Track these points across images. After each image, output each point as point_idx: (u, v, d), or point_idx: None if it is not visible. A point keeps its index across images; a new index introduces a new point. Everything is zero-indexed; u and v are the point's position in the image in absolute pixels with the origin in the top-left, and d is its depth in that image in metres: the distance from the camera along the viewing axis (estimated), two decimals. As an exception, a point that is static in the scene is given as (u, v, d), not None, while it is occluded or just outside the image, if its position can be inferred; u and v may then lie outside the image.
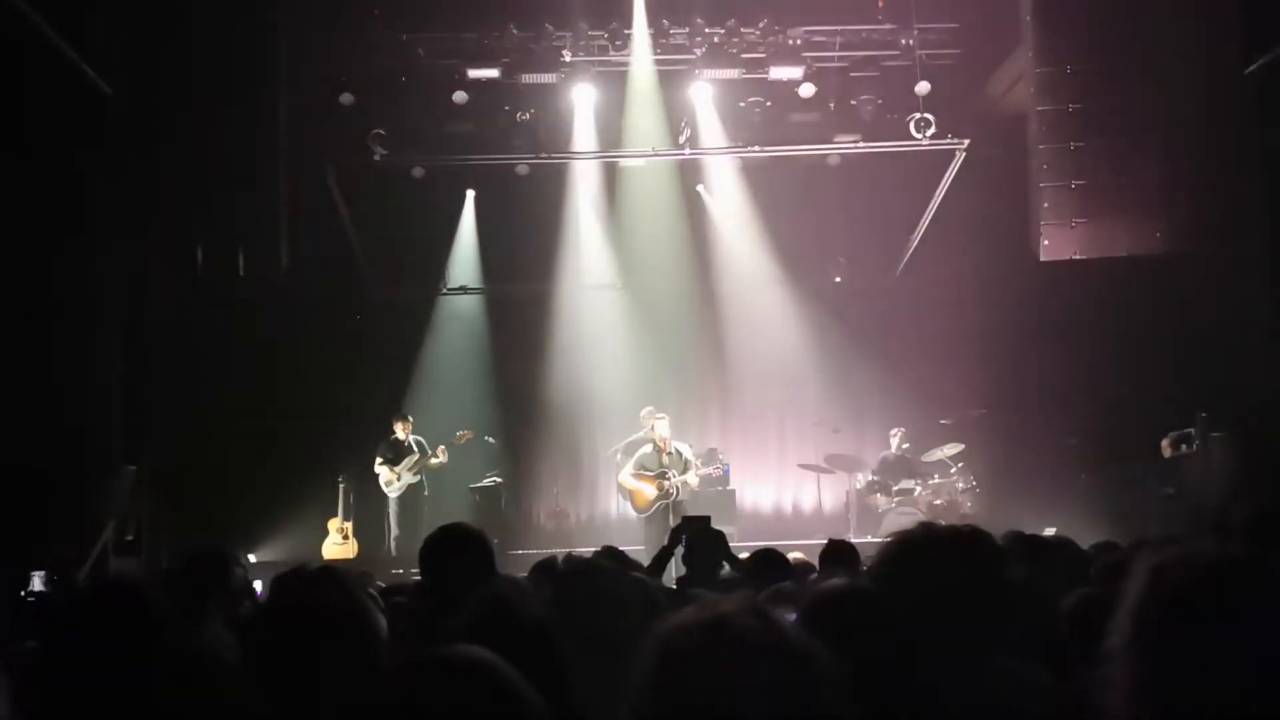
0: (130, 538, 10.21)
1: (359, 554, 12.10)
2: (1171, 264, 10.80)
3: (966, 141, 12.23)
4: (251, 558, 11.31)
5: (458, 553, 3.63)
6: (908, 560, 1.95)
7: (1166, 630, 1.51)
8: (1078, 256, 10.80)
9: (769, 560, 5.16)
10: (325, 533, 12.44)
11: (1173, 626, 1.51)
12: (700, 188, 14.28)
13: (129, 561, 9.87)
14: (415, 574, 4.95)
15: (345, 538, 12.32)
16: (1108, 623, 1.64)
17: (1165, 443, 10.82)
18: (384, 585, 5.81)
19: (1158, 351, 10.96)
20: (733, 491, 12.73)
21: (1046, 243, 10.68)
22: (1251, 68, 9.78)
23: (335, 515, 12.49)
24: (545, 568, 5.61)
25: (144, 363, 11.23)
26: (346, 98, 12.38)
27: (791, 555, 6.27)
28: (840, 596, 2.18)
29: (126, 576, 3.06)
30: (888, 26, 12.54)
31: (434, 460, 12.37)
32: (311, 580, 2.45)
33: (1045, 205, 10.62)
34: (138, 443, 10.66)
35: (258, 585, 7.10)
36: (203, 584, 3.96)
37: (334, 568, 3.97)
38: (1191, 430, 10.47)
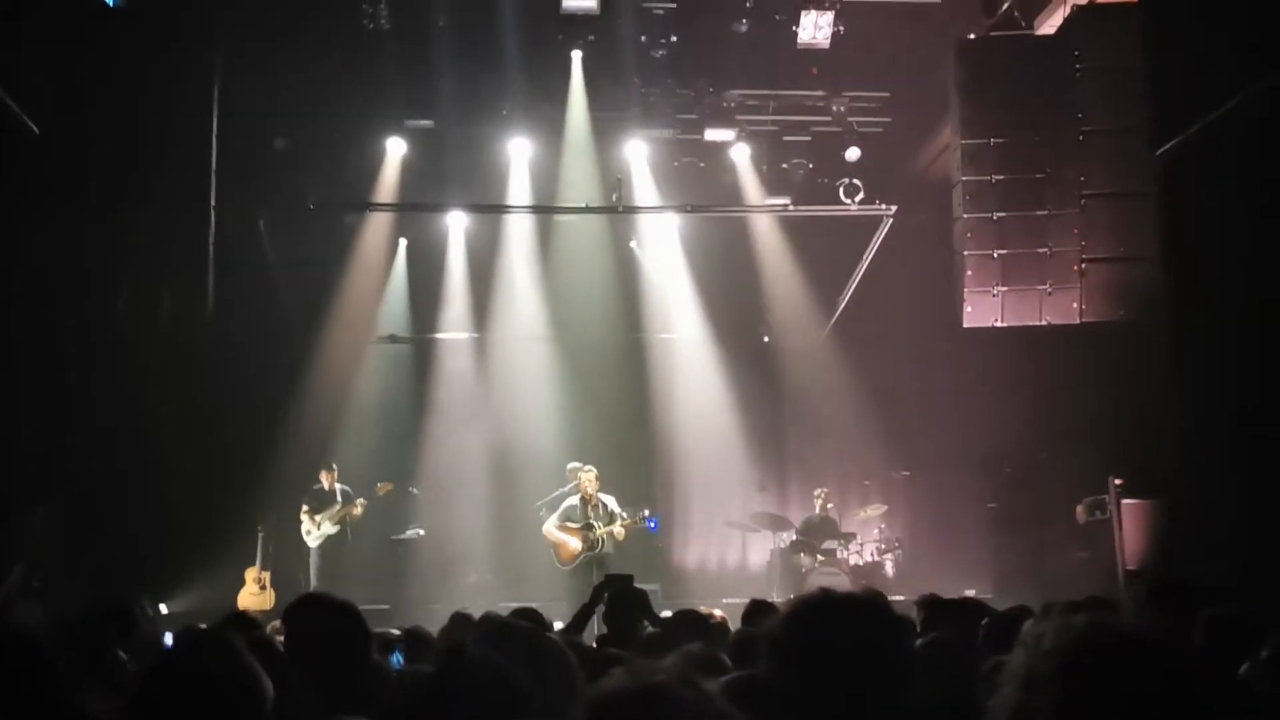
0: (37, 584, 9.88)
1: (275, 604, 11.84)
2: (1088, 334, 11.09)
3: (894, 208, 12.49)
4: (164, 608, 11.02)
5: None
6: (804, 630, 1.99)
7: (1035, 695, 1.57)
8: (999, 324, 11.04)
9: (687, 621, 5.16)
10: (243, 582, 12.19)
11: (1040, 691, 1.56)
12: (633, 244, 14.40)
13: (34, 609, 9.54)
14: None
15: (262, 587, 12.07)
16: None
17: (1080, 508, 11.04)
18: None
19: (1074, 419, 11.20)
20: (659, 548, 12.71)
21: (969, 309, 10.89)
22: (1163, 148, 10.13)
23: (253, 564, 12.25)
24: (464, 619, 5.58)
25: (59, 404, 10.95)
26: (280, 143, 12.34)
27: (716, 613, 6.30)
28: (748, 685, 2.20)
29: (24, 629, 2.98)
30: (819, 93, 12.80)
31: (355, 511, 12.24)
32: (197, 644, 2.39)
33: (969, 273, 10.83)
34: (48, 486, 10.34)
35: (168, 637, 6.93)
36: (104, 636, 3.84)
37: (224, 628, 3.82)
38: (1105, 497, 10.70)
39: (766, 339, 14.50)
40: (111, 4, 10.93)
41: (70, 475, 10.87)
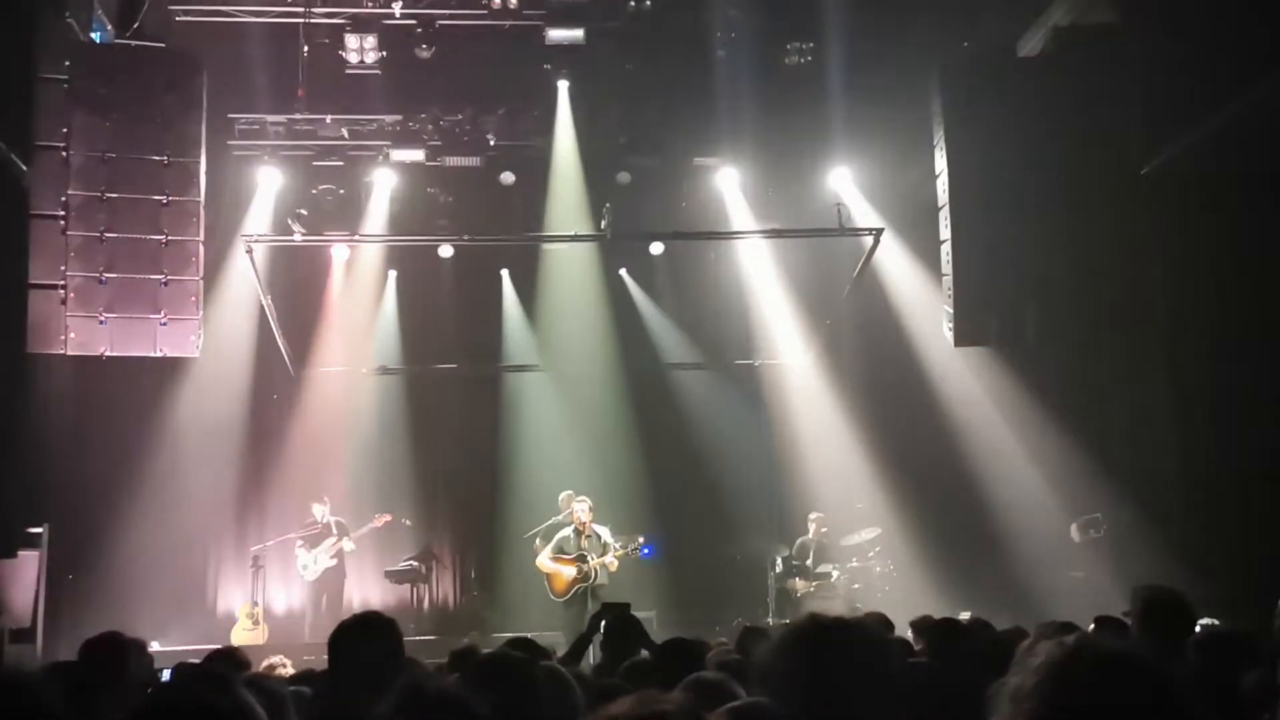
0: (28, 624, 9.79)
1: (269, 639, 11.77)
2: (1080, 350, 11.13)
3: (881, 229, 12.52)
4: (155, 645, 10.93)
5: (368, 641, 3.52)
6: (795, 656, 1.98)
7: (1017, 708, 1.57)
8: (988, 344, 11.08)
9: (682, 649, 5.12)
10: (236, 617, 12.12)
11: (1020, 704, 1.57)
12: (622, 271, 14.44)
13: (26, 649, 9.46)
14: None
15: (255, 623, 11.99)
16: None
17: (1074, 527, 11.06)
18: (294, 673, 5.66)
19: (1067, 437, 11.22)
20: (654, 574, 12.66)
21: (958, 329, 10.90)
22: (1148, 167, 10.21)
23: (246, 600, 12.19)
24: (463, 655, 5.54)
25: (47, 441, 10.91)
26: (270, 175, 12.38)
27: (717, 641, 6.29)
28: (751, 713, 2.21)
29: (16, 668, 2.96)
30: (804, 116, 12.82)
31: (349, 544, 12.18)
32: (191, 677, 2.38)
33: (956, 293, 10.86)
34: (39, 524, 10.26)
35: (165, 675, 6.87)
36: (96, 675, 3.81)
37: (220, 660, 3.82)
38: (1099, 515, 10.71)
39: (757, 362, 14.52)
40: (98, 40, 10.97)
41: (59, 513, 10.81)
